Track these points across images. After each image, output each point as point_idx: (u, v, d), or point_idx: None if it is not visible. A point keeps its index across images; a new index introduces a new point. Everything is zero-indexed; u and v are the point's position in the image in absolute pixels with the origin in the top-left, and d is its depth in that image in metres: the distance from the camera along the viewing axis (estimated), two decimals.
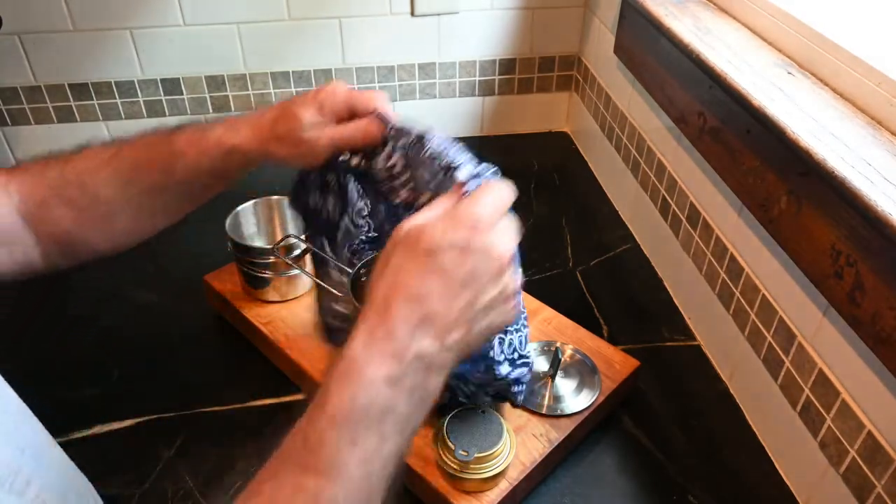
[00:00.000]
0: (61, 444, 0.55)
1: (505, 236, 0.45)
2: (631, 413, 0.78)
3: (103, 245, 0.65)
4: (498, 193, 0.46)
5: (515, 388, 0.69)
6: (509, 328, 0.63)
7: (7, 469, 0.44)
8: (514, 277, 0.47)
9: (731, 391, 0.81)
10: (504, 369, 0.64)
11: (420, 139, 0.57)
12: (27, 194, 0.61)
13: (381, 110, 0.61)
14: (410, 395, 0.41)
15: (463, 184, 0.49)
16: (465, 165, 0.54)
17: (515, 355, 0.65)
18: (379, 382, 0.40)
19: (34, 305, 0.95)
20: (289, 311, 0.84)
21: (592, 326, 0.84)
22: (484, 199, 0.45)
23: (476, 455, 0.62)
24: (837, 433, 0.62)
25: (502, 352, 0.63)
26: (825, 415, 0.64)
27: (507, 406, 0.73)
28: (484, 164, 0.54)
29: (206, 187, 0.66)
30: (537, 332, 0.82)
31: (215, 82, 1.21)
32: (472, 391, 0.68)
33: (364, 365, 0.41)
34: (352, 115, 0.62)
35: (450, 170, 0.55)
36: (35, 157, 0.63)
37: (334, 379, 0.41)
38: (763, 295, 0.73)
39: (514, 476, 0.66)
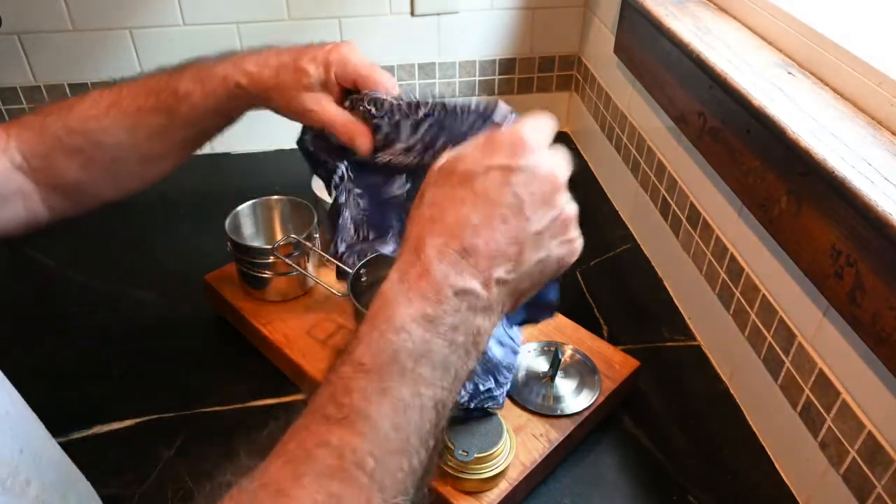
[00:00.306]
0: (61, 444, 0.54)
1: (554, 158, 0.40)
2: (631, 413, 0.78)
3: (111, 193, 0.65)
4: (541, 121, 0.41)
5: (497, 392, 0.66)
6: None
7: (7, 469, 0.44)
8: (572, 203, 0.42)
9: (731, 391, 0.81)
10: (496, 350, 0.63)
11: (442, 104, 0.54)
12: (28, 150, 0.60)
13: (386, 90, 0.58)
14: (450, 338, 0.37)
15: (499, 124, 0.46)
16: (500, 108, 0.50)
17: (505, 337, 0.64)
18: (411, 324, 0.36)
19: (34, 305, 0.95)
20: (289, 311, 0.84)
21: (592, 326, 0.84)
22: (525, 125, 0.40)
23: (476, 455, 0.62)
24: (837, 433, 0.62)
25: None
26: (825, 415, 0.64)
27: (507, 406, 0.73)
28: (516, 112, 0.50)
29: (212, 127, 0.64)
30: (537, 332, 0.82)
31: None
32: None
33: (395, 305, 0.37)
34: (355, 86, 0.60)
35: (486, 115, 0.51)
36: (35, 109, 0.62)
37: (365, 322, 0.37)
38: (763, 295, 0.73)
39: (514, 476, 0.66)
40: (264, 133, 1.23)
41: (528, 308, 0.52)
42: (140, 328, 0.90)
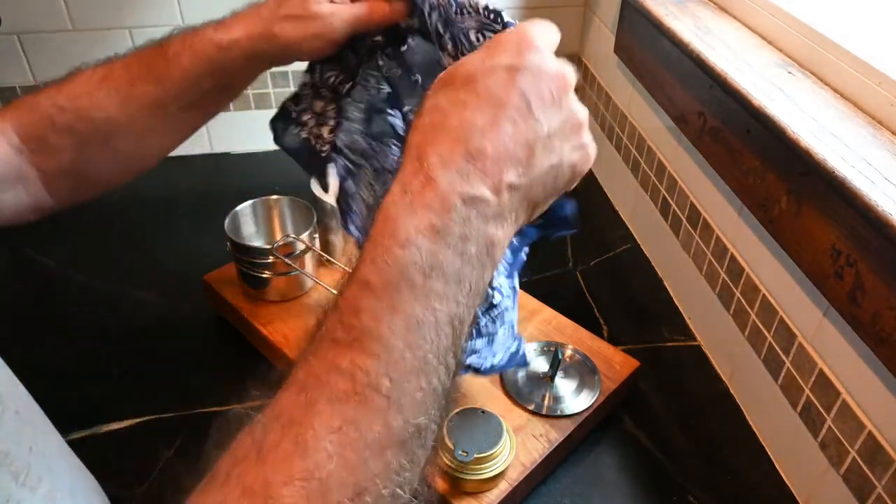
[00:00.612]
0: None
1: (560, 61, 0.38)
2: (631, 413, 0.78)
3: (111, 176, 0.63)
4: (545, 26, 0.39)
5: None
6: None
7: (21, 464, 0.44)
8: (582, 107, 0.39)
9: (731, 391, 0.81)
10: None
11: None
12: (24, 133, 0.59)
13: None
14: (461, 248, 0.35)
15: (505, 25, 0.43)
16: (505, 14, 0.48)
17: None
18: (418, 236, 0.34)
19: (34, 305, 0.95)
20: (289, 312, 0.84)
21: (592, 326, 0.84)
22: (529, 27, 0.38)
23: (476, 455, 0.62)
24: (838, 433, 0.62)
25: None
26: (825, 415, 0.64)
27: (507, 406, 0.73)
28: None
29: (209, 95, 0.61)
30: (537, 332, 0.82)
31: None
32: None
33: (398, 218, 0.34)
34: None
35: (495, 15, 0.49)
36: (28, 92, 0.61)
37: (368, 240, 0.35)
38: (763, 295, 0.73)
39: (514, 477, 0.66)
40: (264, 133, 1.23)
41: (543, 224, 0.50)
42: (140, 328, 0.90)
